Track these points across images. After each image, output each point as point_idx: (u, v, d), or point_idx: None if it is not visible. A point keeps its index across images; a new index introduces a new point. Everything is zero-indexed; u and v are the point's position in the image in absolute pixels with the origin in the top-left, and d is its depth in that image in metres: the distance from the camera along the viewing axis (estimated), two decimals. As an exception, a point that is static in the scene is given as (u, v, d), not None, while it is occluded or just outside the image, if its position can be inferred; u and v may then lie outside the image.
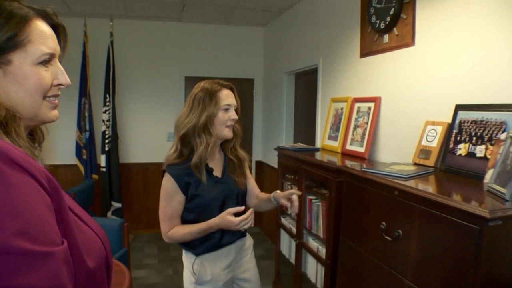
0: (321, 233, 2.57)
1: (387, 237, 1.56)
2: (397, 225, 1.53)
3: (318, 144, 3.51)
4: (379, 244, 1.65)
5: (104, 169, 4.50)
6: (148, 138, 5.07)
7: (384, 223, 1.60)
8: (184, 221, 1.72)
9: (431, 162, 1.91)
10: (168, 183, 1.66)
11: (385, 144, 2.50)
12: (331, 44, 3.26)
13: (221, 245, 1.74)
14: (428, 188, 1.56)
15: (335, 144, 2.96)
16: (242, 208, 1.63)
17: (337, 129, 2.98)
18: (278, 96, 4.69)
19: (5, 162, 0.60)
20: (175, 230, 1.67)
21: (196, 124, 1.62)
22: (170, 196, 1.67)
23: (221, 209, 1.67)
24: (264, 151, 5.28)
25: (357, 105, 2.79)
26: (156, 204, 1.73)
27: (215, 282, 1.74)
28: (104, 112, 4.45)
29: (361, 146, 2.63)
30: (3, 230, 0.56)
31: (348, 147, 2.79)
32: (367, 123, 2.63)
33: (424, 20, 2.11)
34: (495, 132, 1.55)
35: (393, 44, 2.35)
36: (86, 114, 4.48)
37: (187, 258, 1.78)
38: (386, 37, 2.42)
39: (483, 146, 1.60)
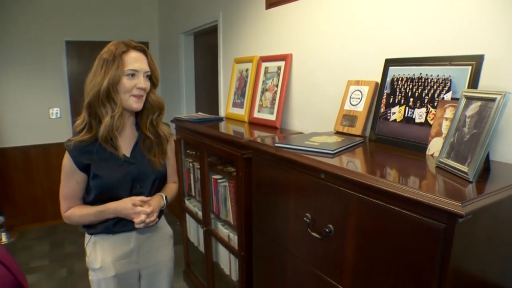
0: (231, 219, 2.18)
1: (315, 234, 1.20)
2: (327, 219, 1.17)
3: (222, 113, 3.07)
4: (304, 241, 1.28)
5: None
6: (26, 116, 4.21)
7: (308, 215, 1.23)
8: (84, 202, 1.53)
9: (357, 130, 1.58)
10: (66, 161, 1.46)
11: (300, 110, 2.13)
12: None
13: (115, 230, 1.52)
14: (362, 166, 1.22)
15: (242, 112, 2.55)
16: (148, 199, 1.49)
17: (243, 95, 2.56)
18: (175, 60, 4.12)
19: None
20: (73, 211, 1.50)
21: (99, 90, 1.39)
22: (67, 175, 1.47)
23: (130, 193, 1.50)
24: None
25: (264, 65, 2.39)
26: (44, 192, 1.48)
27: (104, 272, 1.51)
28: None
29: (272, 113, 2.25)
30: None
31: (256, 114, 2.39)
32: (277, 85, 2.24)
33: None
34: (438, 91, 1.24)
35: (305, -11, 1.94)
36: None
37: (86, 238, 1.60)
38: (297, -20, 1.99)
39: (424, 109, 1.29)
